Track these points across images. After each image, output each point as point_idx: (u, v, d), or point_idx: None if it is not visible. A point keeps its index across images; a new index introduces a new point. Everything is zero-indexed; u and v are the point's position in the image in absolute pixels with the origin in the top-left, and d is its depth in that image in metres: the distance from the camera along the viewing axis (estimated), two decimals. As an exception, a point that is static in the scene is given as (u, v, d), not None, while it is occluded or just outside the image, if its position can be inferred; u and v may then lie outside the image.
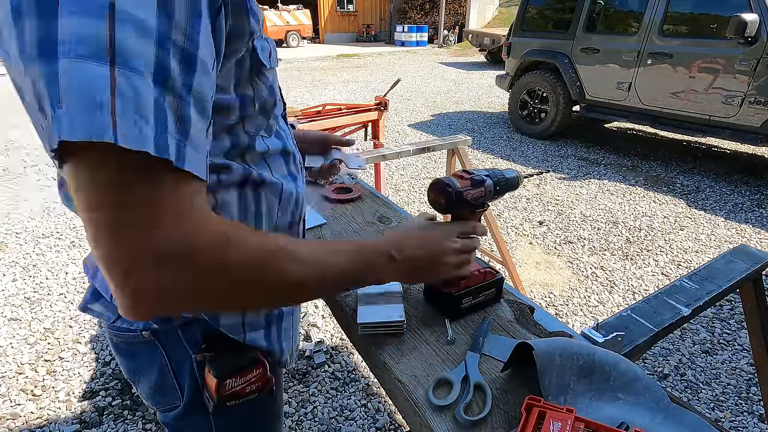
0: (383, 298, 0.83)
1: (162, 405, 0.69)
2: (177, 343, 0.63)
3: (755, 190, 3.87)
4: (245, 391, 0.62)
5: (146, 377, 0.66)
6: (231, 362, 0.61)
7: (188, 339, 0.63)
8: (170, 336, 0.62)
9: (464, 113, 6.71)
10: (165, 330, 0.62)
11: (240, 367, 0.61)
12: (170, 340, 0.63)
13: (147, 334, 0.62)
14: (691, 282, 1.06)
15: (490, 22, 18.50)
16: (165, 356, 0.64)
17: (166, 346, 0.63)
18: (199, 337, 0.63)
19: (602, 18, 4.74)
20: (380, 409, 1.77)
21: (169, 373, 0.65)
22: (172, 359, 0.64)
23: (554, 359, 0.64)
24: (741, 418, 1.74)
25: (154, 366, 0.65)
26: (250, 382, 0.63)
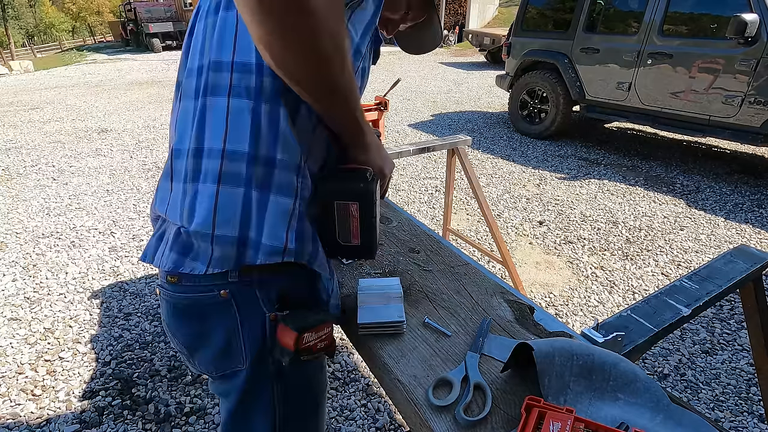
0: (383, 299, 0.83)
1: (222, 370, 0.70)
2: (252, 303, 0.66)
3: (755, 190, 3.87)
4: (317, 347, 0.66)
5: (212, 340, 0.67)
6: (308, 317, 0.66)
7: (264, 298, 0.66)
8: (247, 296, 0.65)
9: (464, 113, 6.71)
10: (242, 289, 0.64)
11: (315, 322, 0.66)
12: (246, 300, 0.65)
13: (225, 293, 0.64)
14: (691, 282, 1.06)
15: (490, 22, 18.50)
16: (238, 317, 0.66)
17: (241, 306, 0.65)
18: (273, 296, 0.67)
19: (602, 18, 4.74)
20: (380, 409, 1.77)
21: (239, 335, 0.67)
22: (244, 320, 0.66)
23: (554, 359, 0.64)
24: (741, 418, 1.74)
25: (222, 328, 0.66)
26: (321, 338, 0.67)
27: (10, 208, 3.50)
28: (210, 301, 0.64)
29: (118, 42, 26.29)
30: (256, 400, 0.72)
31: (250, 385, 0.70)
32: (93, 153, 4.93)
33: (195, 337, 0.68)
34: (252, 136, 0.60)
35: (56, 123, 6.29)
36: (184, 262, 0.62)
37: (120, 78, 11.00)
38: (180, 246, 0.63)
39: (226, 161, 0.60)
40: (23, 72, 14.44)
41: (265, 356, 0.69)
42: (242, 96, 0.59)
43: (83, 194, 3.78)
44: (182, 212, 0.62)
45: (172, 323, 0.69)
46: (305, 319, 0.66)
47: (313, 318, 0.67)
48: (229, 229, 0.60)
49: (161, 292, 0.69)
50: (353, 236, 0.69)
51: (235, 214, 0.60)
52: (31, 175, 4.22)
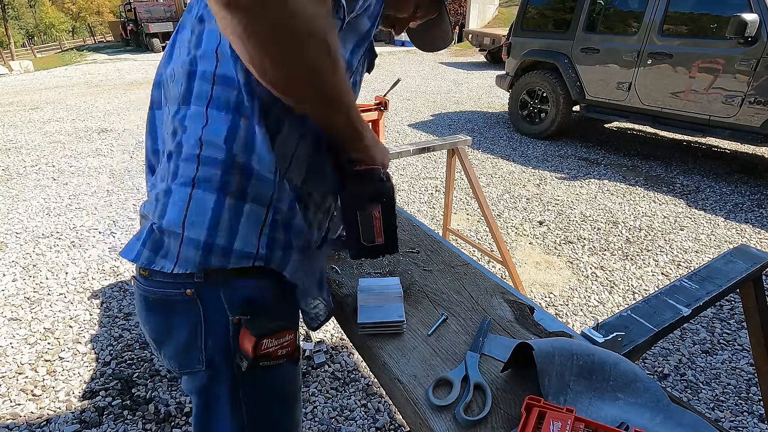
0: (383, 299, 0.83)
1: (184, 367, 0.71)
2: (217, 304, 0.66)
3: (755, 190, 3.87)
4: (277, 353, 0.66)
5: (176, 336, 0.68)
6: (267, 324, 0.66)
7: (229, 301, 0.66)
8: (212, 297, 0.65)
9: (464, 113, 6.71)
10: (208, 290, 0.65)
11: (276, 328, 0.65)
12: (211, 301, 0.66)
13: (190, 292, 0.64)
14: (691, 282, 1.06)
15: (490, 22, 18.50)
16: (202, 316, 0.66)
17: (206, 306, 0.66)
18: (238, 300, 0.66)
19: (602, 18, 4.74)
20: (380, 409, 1.77)
21: (201, 334, 0.67)
22: (208, 320, 0.66)
23: (554, 359, 0.64)
24: (741, 418, 1.74)
25: (187, 325, 0.67)
26: (282, 345, 0.66)
27: (10, 208, 3.50)
28: (177, 297, 0.65)
29: (118, 42, 26.29)
30: (219, 402, 0.72)
31: (211, 386, 0.71)
32: (93, 153, 4.93)
33: (162, 330, 0.70)
34: (228, 146, 0.61)
35: (56, 123, 6.29)
36: (154, 259, 0.64)
37: (120, 78, 11.00)
38: (152, 242, 0.64)
39: (202, 165, 0.61)
40: (23, 72, 14.45)
41: (227, 359, 0.69)
42: (221, 108, 0.61)
43: (83, 194, 3.78)
44: (157, 208, 0.64)
45: (143, 315, 0.71)
46: (267, 325, 0.66)
47: (275, 324, 0.66)
48: (198, 233, 0.62)
49: (135, 283, 0.70)
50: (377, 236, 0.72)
51: (205, 219, 0.62)
52: (31, 175, 4.22)
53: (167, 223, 0.63)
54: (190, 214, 0.62)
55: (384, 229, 0.72)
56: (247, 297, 0.67)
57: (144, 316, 0.71)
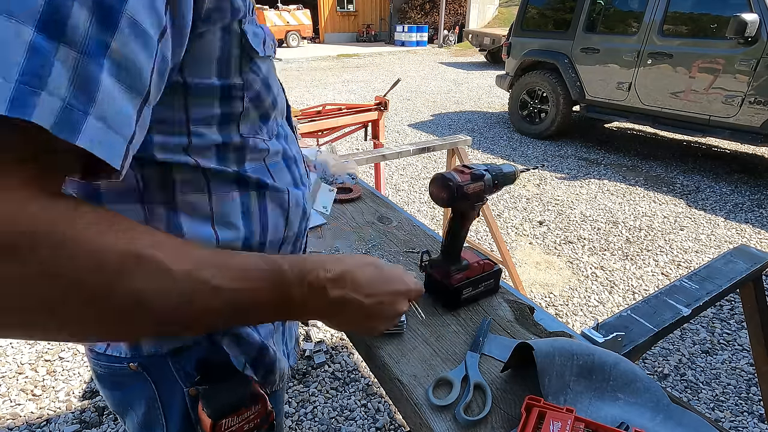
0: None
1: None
2: (167, 375, 0.57)
3: (755, 190, 3.87)
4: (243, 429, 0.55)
5: (133, 411, 0.61)
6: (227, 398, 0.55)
7: (179, 370, 0.57)
8: (160, 367, 0.56)
9: (464, 113, 6.71)
10: (154, 361, 0.56)
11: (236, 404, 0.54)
12: (160, 372, 0.57)
13: (134, 366, 0.56)
14: (691, 282, 1.06)
15: (490, 22, 18.51)
16: (154, 389, 0.58)
17: (155, 379, 0.57)
18: (191, 367, 0.57)
19: (602, 18, 4.74)
20: (380, 409, 1.77)
21: (158, 408, 0.59)
22: (162, 393, 0.58)
23: (554, 359, 0.64)
24: (741, 418, 1.74)
25: (141, 400, 0.59)
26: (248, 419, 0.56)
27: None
28: (123, 372, 0.57)
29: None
30: None
31: None
32: (93, 153, 4.93)
33: (117, 405, 0.63)
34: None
35: (56, 123, 6.30)
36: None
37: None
38: None
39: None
40: (23, 72, 14.43)
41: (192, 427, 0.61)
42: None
43: (83, 194, 3.78)
44: None
45: (98, 387, 0.64)
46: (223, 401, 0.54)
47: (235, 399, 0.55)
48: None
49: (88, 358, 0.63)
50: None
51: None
52: (31, 175, 4.22)
53: None
54: None
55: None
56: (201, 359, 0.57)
57: (99, 388, 0.64)
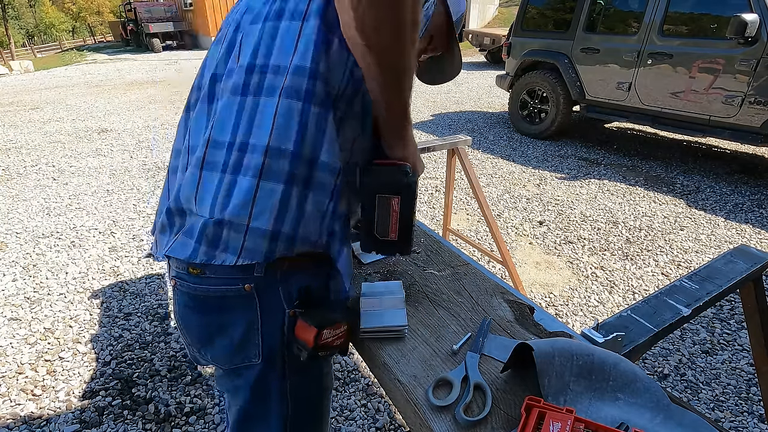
0: (385, 303, 0.83)
1: (236, 363, 0.71)
2: (274, 298, 0.67)
3: (755, 190, 3.87)
4: (333, 344, 0.68)
5: (230, 333, 0.68)
6: (326, 315, 0.68)
7: (285, 294, 0.67)
8: (269, 291, 0.66)
9: (464, 113, 6.71)
10: (267, 283, 0.66)
11: (333, 320, 0.68)
12: (268, 295, 0.66)
13: (249, 287, 0.65)
14: (691, 282, 1.06)
15: (490, 22, 18.49)
16: (258, 311, 0.67)
17: (262, 301, 0.66)
18: (294, 293, 0.68)
19: (602, 18, 4.74)
20: (380, 409, 1.77)
21: (257, 328, 0.68)
22: (264, 314, 0.67)
23: (554, 360, 0.64)
24: (741, 418, 1.74)
25: (242, 321, 0.67)
26: (338, 336, 0.69)
27: (10, 208, 3.50)
28: (233, 293, 0.66)
29: (118, 42, 26.30)
30: (270, 395, 0.73)
31: (263, 379, 0.71)
32: (93, 153, 4.93)
33: (213, 328, 0.69)
34: (298, 136, 0.62)
35: (56, 123, 6.29)
36: (214, 253, 0.63)
37: (120, 78, 11.00)
38: (209, 238, 0.63)
39: (270, 158, 0.61)
40: (23, 72, 14.45)
41: (281, 351, 0.70)
42: (293, 97, 0.61)
43: (83, 194, 3.78)
44: (215, 201, 0.63)
45: (188, 315, 0.70)
46: (325, 317, 0.67)
47: (332, 316, 0.69)
48: (264, 222, 0.62)
49: (178, 284, 0.69)
50: (391, 231, 0.71)
51: (273, 209, 0.62)
52: (31, 175, 4.22)
53: (230, 214, 0.62)
54: (257, 204, 0.62)
55: (400, 226, 0.70)
56: (303, 289, 0.69)
57: (190, 316, 0.70)
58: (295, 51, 0.62)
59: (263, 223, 0.62)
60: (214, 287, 0.66)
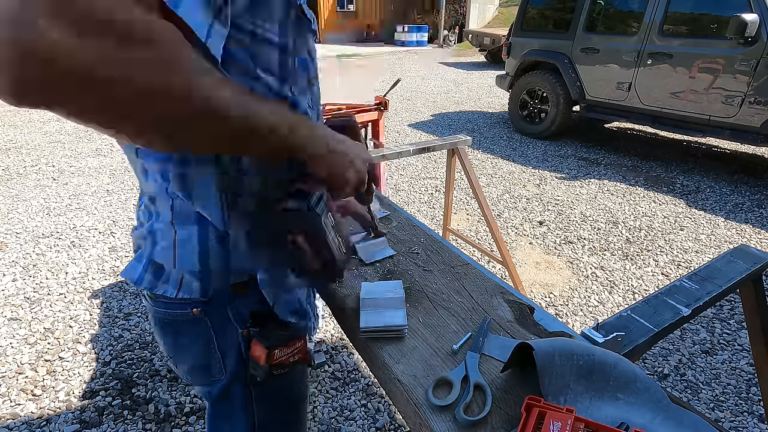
0: (385, 303, 0.83)
1: (202, 380, 0.73)
2: (224, 320, 0.68)
3: (755, 190, 3.87)
4: (289, 360, 0.69)
5: (190, 354, 0.70)
6: (277, 335, 0.68)
7: (235, 316, 0.68)
8: (218, 312, 0.67)
9: (464, 113, 6.71)
10: (213, 307, 0.66)
11: (285, 338, 0.68)
12: (219, 317, 0.67)
13: (197, 311, 0.65)
14: (691, 282, 1.06)
15: (490, 22, 18.51)
16: (212, 332, 0.68)
17: (214, 324, 0.67)
18: (246, 314, 0.68)
19: (602, 18, 4.74)
20: (380, 409, 1.77)
21: (215, 349, 0.69)
22: (219, 335, 0.68)
23: (554, 359, 0.64)
24: (741, 418, 1.74)
25: (198, 343, 0.68)
26: (293, 353, 0.70)
27: (10, 208, 3.49)
28: (184, 318, 0.67)
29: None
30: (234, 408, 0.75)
31: (227, 393, 0.74)
32: (93, 153, 4.93)
33: (175, 349, 0.71)
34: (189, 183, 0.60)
35: (56, 123, 6.29)
36: (156, 284, 0.65)
37: (120, 78, 10.98)
38: (153, 268, 0.65)
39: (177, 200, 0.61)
40: (23, 72, 14.42)
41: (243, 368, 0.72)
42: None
43: (83, 194, 3.78)
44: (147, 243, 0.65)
45: (156, 333, 0.73)
46: (275, 336, 0.67)
47: (283, 334, 0.68)
48: (190, 264, 0.63)
49: (145, 303, 0.71)
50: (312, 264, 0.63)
51: (194, 252, 0.62)
52: (31, 175, 4.22)
53: (160, 258, 0.64)
54: (178, 251, 0.63)
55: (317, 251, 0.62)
56: (253, 309, 0.69)
57: (157, 334, 0.72)
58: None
59: (192, 266, 0.63)
60: (167, 311, 0.67)
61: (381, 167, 2.84)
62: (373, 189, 0.71)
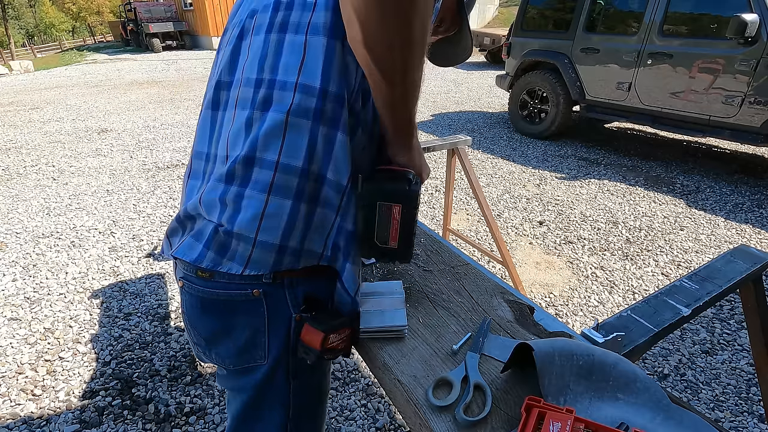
0: (385, 303, 0.83)
1: (242, 364, 0.72)
2: (281, 303, 0.69)
3: (755, 190, 3.87)
4: (338, 347, 0.71)
5: (237, 335, 0.70)
6: (332, 320, 0.70)
7: (292, 299, 0.69)
8: (277, 295, 0.68)
9: (464, 113, 6.71)
10: (274, 289, 0.67)
11: (339, 324, 0.70)
12: (275, 300, 0.68)
13: (257, 292, 0.67)
14: (691, 282, 1.06)
15: (490, 22, 18.50)
16: (266, 315, 0.68)
17: (270, 305, 0.68)
18: (300, 298, 0.70)
19: (602, 18, 4.74)
20: (380, 409, 1.77)
21: (264, 331, 0.70)
22: (271, 318, 0.69)
23: (554, 360, 0.64)
24: (741, 418, 1.74)
25: (249, 324, 0.69)
26: (342, 340, 0.71)
27: (10, 208, 3.50)
28: (241, 298, 0.67)
29: (118, 42, 26.28)
30: (272, 396, 0.75)
31: (267, 380, 0.73)
32: (93, 153, 4.93)
33: (219, 330, 0.70)
34: (307, 153, 0.62)
35: (56, 123, 6.29)
36: (221, 261, 0.65)
37: (120, 78, 11.00)
38: (217, 244, 0.65)
39: (279, 173, 0.62)
40: (23, 72, 14.44)
41: (285, 354, 0.72)
42: (302, 116, 0.61)
43: (83, 194, 3.78)
44: (223, 211, 0.64)
45: (195, 315, 0.71)
46: (330, 321, 0.69)
47: (338, 321, 0.70)
48: (272, 236, 0.63)
49: (185, 285, 0.70)
50: (391, 238, 0.69)
51: (280, 224, 0.63)
52: (31, 175, 4.22)
53: (239, 227, 0.63)
54: (266, 219, 0.63)
55: (401, 234, 0.69)
56: (309, 295, 0.71)
57: (197, 317, 0.71)
58: (301, 68, 0.61)
59: (271, 238, 0.63)
60: (222, 291, 0.67)
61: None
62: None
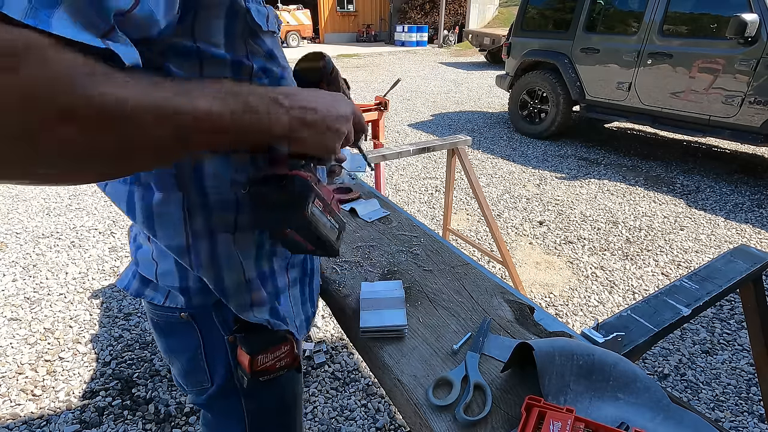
0: (385, 303, 0.83)
1: (192, 386, 0.74)
2: (211, 325, 0.67)
3: (755, 190, 3.87)
4: (275, 366, 0.68)
5: (180, 357, 0.71)
6: (261, 340, 0.66)
7: (221, 321, 0.67)
8: (205, 317, 0.67)
9: (464, 113, 6.71)
10: (200, 312, 0.66)
11: (269, 343, 0.66)
12: (205, 322, 0.67)
13: (185, 315, 0.66)
14: (691, 282, 1.06)
15: (490, 22, 18.50)
16: (200, 337, 0.68)
17: (201, 328, 0.67)
18: (230, 319, 0.67)
19: (602, 18, 4.74)
20: (380, 409, 1.77)
21: (202, 354, 0.69)
22: (206, 340, 0.68)
23: (554, 359, 0.64)
24: (741, 418, 1.74)
25: (188, 346, 0.69)
26: (280, 358, 0.68)
27: (10, 208, 3.49)
28: (175, 321, 0.68)
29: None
30: (226, 415, 0.76)
31: (218, 400, 0.74)
32: (93, 153, 4.93)
33: (167, 350, 0.73)
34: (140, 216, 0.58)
35: (56, 123, 6.29)
36: (144, 291, 0.67)
37: (120, 78, 10.99)
38: (140, 277, 0.67)
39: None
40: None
41: (228, 375, 0.72)
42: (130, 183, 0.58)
43: (83, 194, 3.78)
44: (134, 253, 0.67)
45: (154, 334, 0.74)
46: (258, 342, 0.66)
47: (266, 339, 0.67)
48: (172, 282, 0.64)
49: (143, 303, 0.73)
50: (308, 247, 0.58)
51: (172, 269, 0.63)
52: (31, 175, 4.22)
53: (144, 272, 0.66)
54: (159, 266, 0.64)
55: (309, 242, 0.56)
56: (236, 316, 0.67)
57: (154, 335, 0.74)
58: None
59: (171, 282, 0.64)
60: (160, 313, 0.68)
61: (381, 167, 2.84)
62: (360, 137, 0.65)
